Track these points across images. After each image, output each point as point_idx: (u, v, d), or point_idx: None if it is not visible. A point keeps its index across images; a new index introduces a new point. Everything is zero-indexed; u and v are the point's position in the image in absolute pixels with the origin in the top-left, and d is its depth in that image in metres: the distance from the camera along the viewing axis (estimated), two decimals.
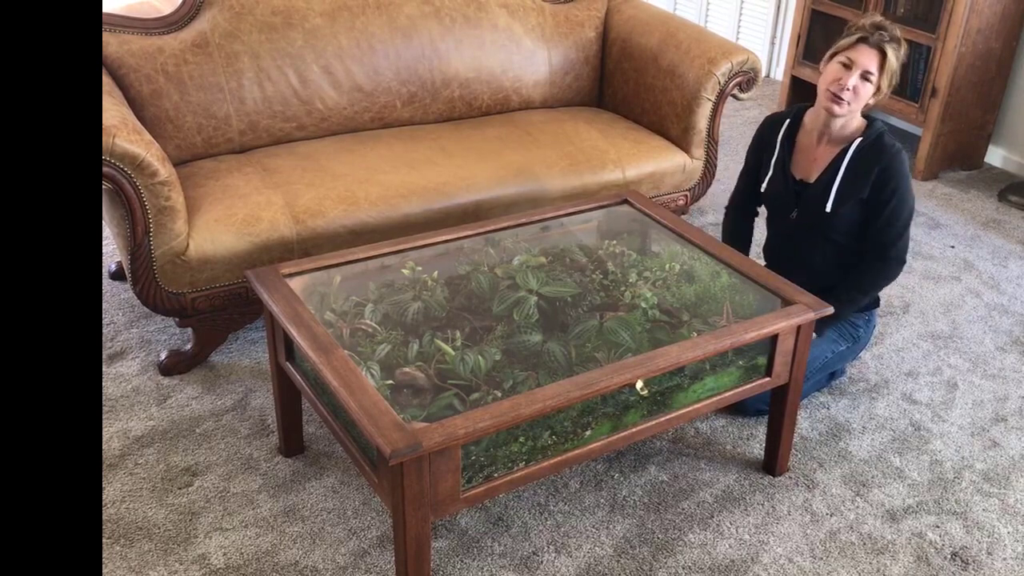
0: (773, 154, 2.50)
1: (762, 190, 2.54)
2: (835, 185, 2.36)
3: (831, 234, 2.41)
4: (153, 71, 2.61)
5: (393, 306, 2.08)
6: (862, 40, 2.28)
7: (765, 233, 2.66)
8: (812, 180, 2.42)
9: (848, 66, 2.29)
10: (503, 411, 1.69)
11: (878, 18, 2.33)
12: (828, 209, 2.38)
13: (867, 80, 2.29)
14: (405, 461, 1.60)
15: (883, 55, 2.27)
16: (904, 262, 2.42)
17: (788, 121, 2.49)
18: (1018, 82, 4.01)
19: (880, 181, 2.34)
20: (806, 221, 2.44)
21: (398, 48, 2.96)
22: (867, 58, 2.27)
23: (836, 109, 2.32)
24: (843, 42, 2.32)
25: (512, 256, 2.30)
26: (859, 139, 2.36)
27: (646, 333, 2.05)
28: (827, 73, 2.34)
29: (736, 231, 2.67)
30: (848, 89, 2.28)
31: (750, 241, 2.69)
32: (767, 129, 2.54)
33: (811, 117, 2.45)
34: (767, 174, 2.51)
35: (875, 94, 2.32)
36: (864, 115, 2.40)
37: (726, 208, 2.72)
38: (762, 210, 2.65)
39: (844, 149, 2.37)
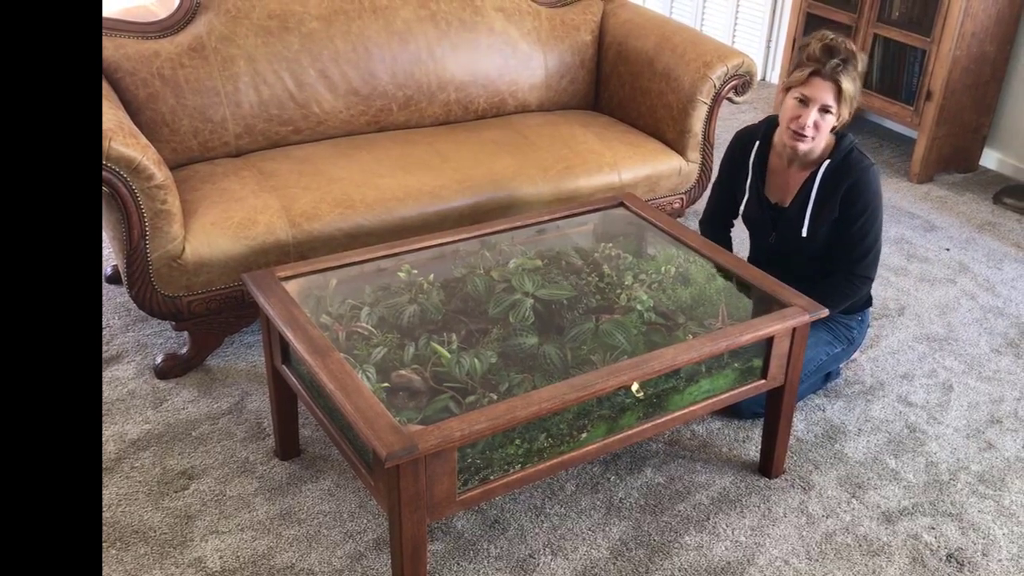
0: (747, 177, 2.48)
1: (741, 212, 2.53)
2: (808, 209, 2.35)
3: (808, 256, 2.41)
4: (149, 75, 2.62)
5: (389, 309, 2.08)
6: (815, 73, 2.20)
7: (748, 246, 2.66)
8: (787, 204, 2.41)
9: (804, 102, 2.23)
10: (499, 413, 1.69)
11: (828, 37, 2.22)
12: (804, 234, 2.37)
13: (827, 112, 2.22)
14: (401, 464, 1.60)
15: (838, 86, 2.19)
16: (870, 279, 2.39)
17: (758, 143, 2.44)
18: (1013, 85, 4.02)
19: (849, 198, 2.31)
20: (783, 245, 2.44)
21: (394, 52, 2.96)
22: (822, 92, 2.20)
23: (800, 147, 2.28)
24: (796, 75, 2.23)
25: (508, 259, 2.30)
26: (828, 160, 2.32)
27: (642, 336, 2.05)
28: (785, 109, 2.27)
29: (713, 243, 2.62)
30: (808, 126, 2.23)
31: (730, 252, 2.66)
32: (738, 148, 2.51)
33: (779, 139, 2.40)
34: (743, 197, 2.50)
35: (839, 119, 2.26)
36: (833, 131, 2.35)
37: (700, 223, 2.68)
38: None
39: (815, 172, 2.35)
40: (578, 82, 3.33)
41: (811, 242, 2.38)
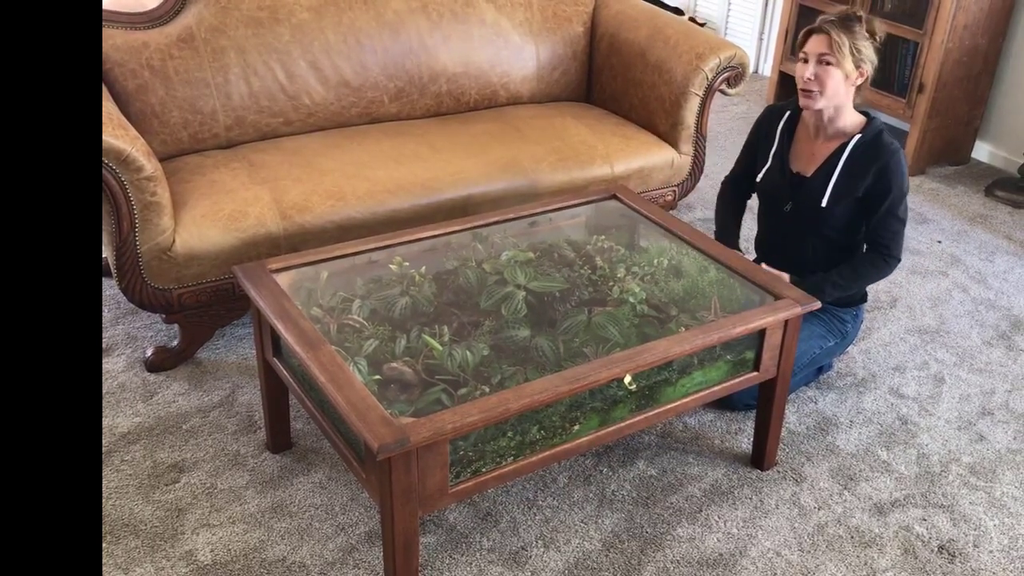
0: (772, 145, 2.50)
1: (758, 180, 2.54)
2: (832, 180, 2.36)
3: (823, 229, 2.41)
4: (138, 66, 2.60)
5: (381, 301, 2.07)
6: (809, 32, 2.32)
7: (756, 227, 2.66)
8: (809, 174, 2.42)
9: (805, 60, 2.32)
10: (491, 406, 1.68)
11: (839, 9, 2.36)
12: (823, 204, 2.37)
13: (825, 63, 2.28)
14: (393, 456, 1.59)
15: (829, 36, 2.27)
16: (899, 259, 2.41)
17: (789, 113, 2.49)
18: (1004, 77, 4.03)
19: (878, 180, 2.33)
20: (800, 215, 2.44)
21: (385, 43, 2.95)
22: (817, 44, 2.29)
23: (810, 103, 2.33)
24: (799, 42, 2.36)
25: (500, 251, 2.30)
26: (858, 135, 2.36)
27: (634, 328, 2.05)
28: (796, 76, 2.37)
29: (732, 202, 2.67)
30: (810, 79, 2.29)
31: (742, 214, 2.69)
32: (767, 118, 2.55)
33: (806, 113, 2.46)
34: (764, 165, 2.51)
35: (847, 77, 2.29)
36: (863, 112, 2.40)
37: (724, 181, 2.69)
38: (754, 204, 2.65)
39: (843, 145, 2.37)
40: (570, 74, 3.32)
41: (828, 215, 2.38)
